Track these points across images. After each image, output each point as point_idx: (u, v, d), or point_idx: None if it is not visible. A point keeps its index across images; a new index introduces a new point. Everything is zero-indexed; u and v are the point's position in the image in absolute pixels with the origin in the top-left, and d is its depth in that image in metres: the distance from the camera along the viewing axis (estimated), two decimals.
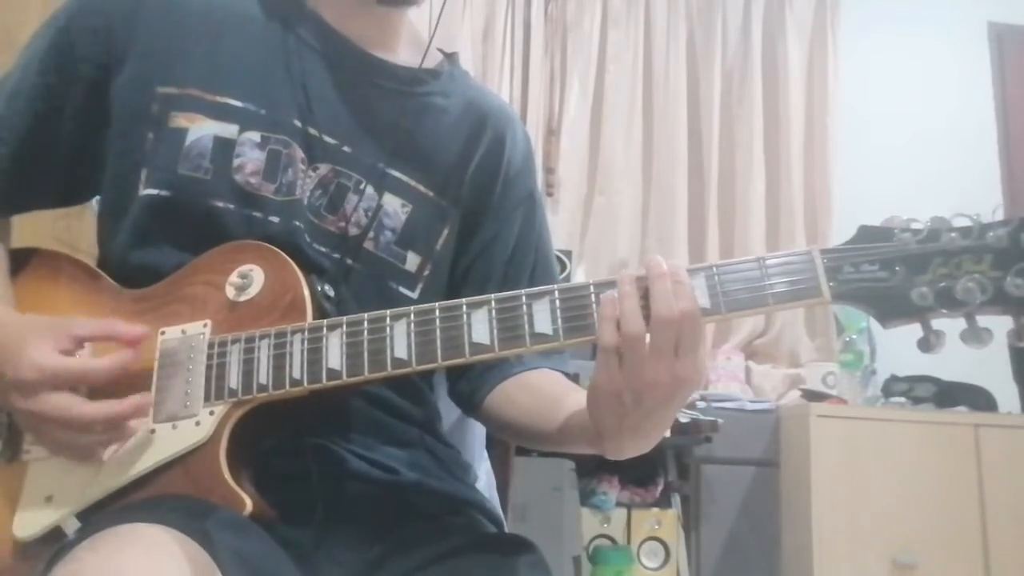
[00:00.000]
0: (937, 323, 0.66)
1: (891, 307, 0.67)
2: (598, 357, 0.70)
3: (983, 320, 0.66)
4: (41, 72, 0.88)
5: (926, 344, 0.66)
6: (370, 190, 0.89)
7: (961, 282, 0.65)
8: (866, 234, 0.69)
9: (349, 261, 0.88)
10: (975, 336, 0.65)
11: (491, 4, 3.52)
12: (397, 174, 0.91)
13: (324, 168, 0.89)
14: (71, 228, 1.40)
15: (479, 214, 0.98)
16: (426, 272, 0.93)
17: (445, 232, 0.95)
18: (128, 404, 0.74)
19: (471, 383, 0.96)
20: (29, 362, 0.73)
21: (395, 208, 0.91)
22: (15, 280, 0.88)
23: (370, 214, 0.89)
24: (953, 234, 0.66)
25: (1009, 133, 3.66)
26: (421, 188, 0.93)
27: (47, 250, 0.91)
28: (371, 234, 0.89)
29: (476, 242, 0.98)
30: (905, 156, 3.50)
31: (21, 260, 0.90)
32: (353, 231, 0.88)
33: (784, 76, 3.59)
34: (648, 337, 0.69)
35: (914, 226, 0.68)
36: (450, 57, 1.03)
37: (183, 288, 0.83)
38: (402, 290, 0.91)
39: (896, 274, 0.67)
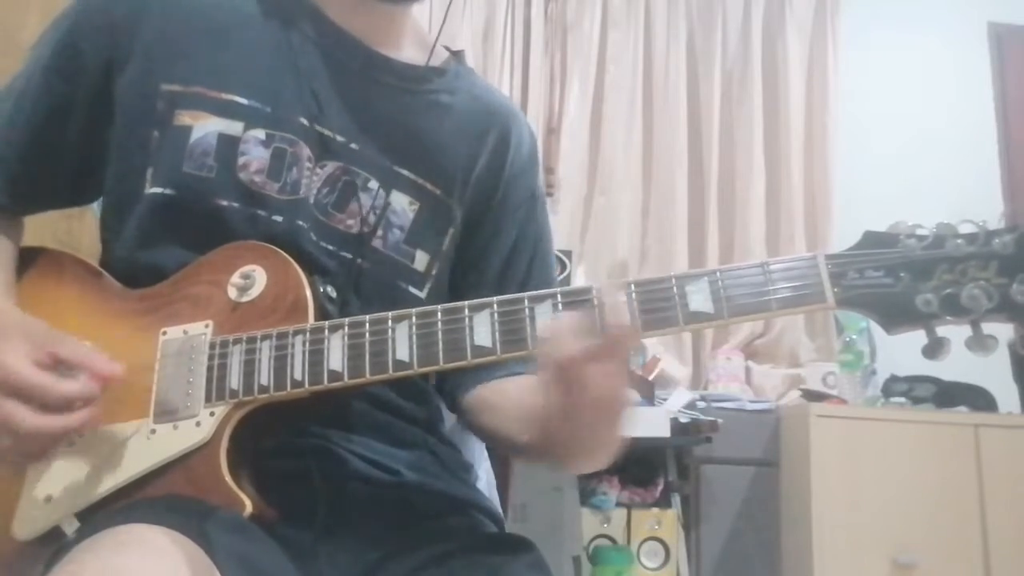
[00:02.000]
0: (942, 330, 0.66)
1: (896, 314, 0.66)
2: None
3: (988, 327, 0.65)
4: (47, 74, 0.88)
5: (931, 351, 0.66)
6: (378, 188, 0.89)
7: (966, 289, 0.64)
8: (871, 239, 0.68)
9: (357, 260, 0.87)
10: (980, 343, 0.64)
11: (491, 4, 3.51)
12: (405, 172, 0.91)
13: (332, 166, 0.88)
14: (72, 229, 1.39)
15: (482, 213, 0.98)
16: (434, 271, 0.93)
17: (451, 231, 0.95)
18: (77, 418, 0.73)
19: (452, 381, 0.96)
20: None
21: (403, 206, 0.91)
22: (19, 278, 0.88)
23: (378, 212, 0.89)
24: (959, 240, 0.66)
25: (1009, 133, 3.66)
26: (428, 186, 0.93)
27: (52, 249, 0.91)
28: (379, 232, 0.89)
29: (477, 240, 0.98)
30: (905, 156, 3.50)
31: (25, 259, 0.90)
32: (361, 229, 0.88)
33: (784, 76, 3.58)
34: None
35: (919, 232, 0.67)
36: (456, 55, 1.03)
37: (185, 288, 0.83)
38: (411, 290, 0.91)
39: (901, 280, 0.67)
